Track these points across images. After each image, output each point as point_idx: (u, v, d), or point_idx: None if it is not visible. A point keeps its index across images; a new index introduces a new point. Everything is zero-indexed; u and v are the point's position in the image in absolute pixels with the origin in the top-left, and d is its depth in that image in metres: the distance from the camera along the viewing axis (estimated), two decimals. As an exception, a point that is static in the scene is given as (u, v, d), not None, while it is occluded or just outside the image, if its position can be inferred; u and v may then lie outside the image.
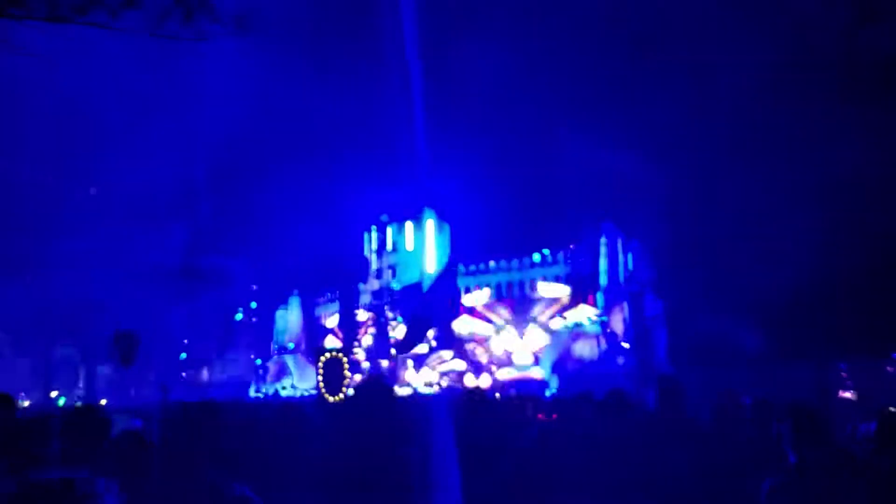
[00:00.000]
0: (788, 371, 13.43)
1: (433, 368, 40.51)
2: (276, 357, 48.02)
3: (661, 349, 29.22)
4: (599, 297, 36.20)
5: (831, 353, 17.83)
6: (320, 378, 16.39)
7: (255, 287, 46.43)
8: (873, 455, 3.20)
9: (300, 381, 40.79)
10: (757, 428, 4.67)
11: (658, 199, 29.32)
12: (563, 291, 38.57)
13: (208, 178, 32.99)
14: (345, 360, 16.91)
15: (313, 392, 24.42)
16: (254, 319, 50.85)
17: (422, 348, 40.59)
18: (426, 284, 45.41)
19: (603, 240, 36.53)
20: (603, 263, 36.28)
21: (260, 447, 4.69)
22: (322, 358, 16.80)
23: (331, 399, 14.94)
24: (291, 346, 48.45)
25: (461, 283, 44.47)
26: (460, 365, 39.85)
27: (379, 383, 3.61)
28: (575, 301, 37.35)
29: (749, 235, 23.36)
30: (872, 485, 3.10)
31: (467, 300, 43.45)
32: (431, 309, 38.92)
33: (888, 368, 17.45)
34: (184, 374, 41.55)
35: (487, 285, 43.04)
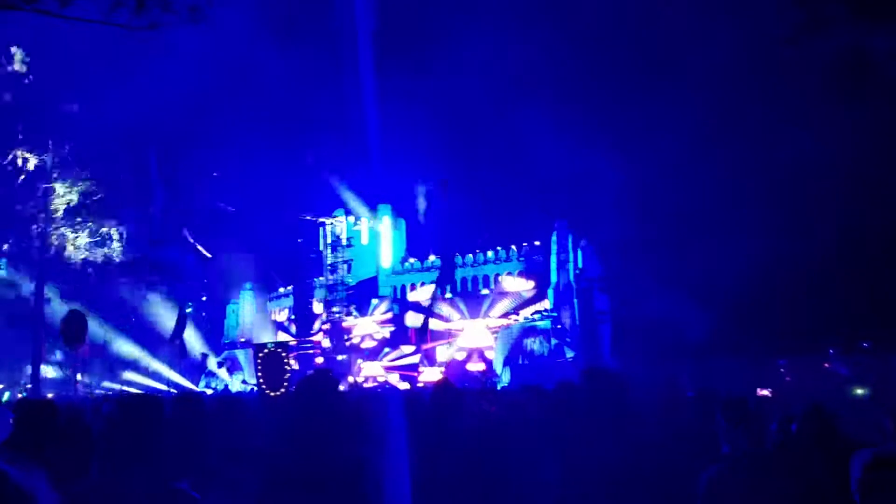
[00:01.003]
0: (730, 365, 13.94)
1: (390, 362, 40.63)
2: (226, 352, 47.41)
3: (607, 344, 29.91)
4: (550, 293, 36.80)
5: (771, 349, 18.49)
6: (259, 373, 16.30)
7: (205, 280, 45.68)
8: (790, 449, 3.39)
9: (251, 377, 40.36)
10: (699, 419, 4.89)
11: (608, 197, 29.91)
12: (526, 286, 39.08)
13: (161, 169, 32.34)
14: (284, 354, 16.80)
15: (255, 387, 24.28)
16: (204, 314, 50.03)
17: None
18: (381, 279, 45.41)
19: (554, 237, 37.10)
20: (554, 261, 36.87)
21: (202, 441, 4.68)
22: (260, 353, 16.70)
23: (271, 394, 14.87)
24: (243, 340, 47.88)
25: (414, 278, 44.61)
26: (414, 359, 40.04)
27: (324, 377, 3.57)
28: (538, 297, 37.95)
29: (697, 233, 24.01)
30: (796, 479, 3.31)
31: (414, 296, 43.67)
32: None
33: (825, 365, 18.17)
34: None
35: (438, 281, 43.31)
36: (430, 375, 35.62)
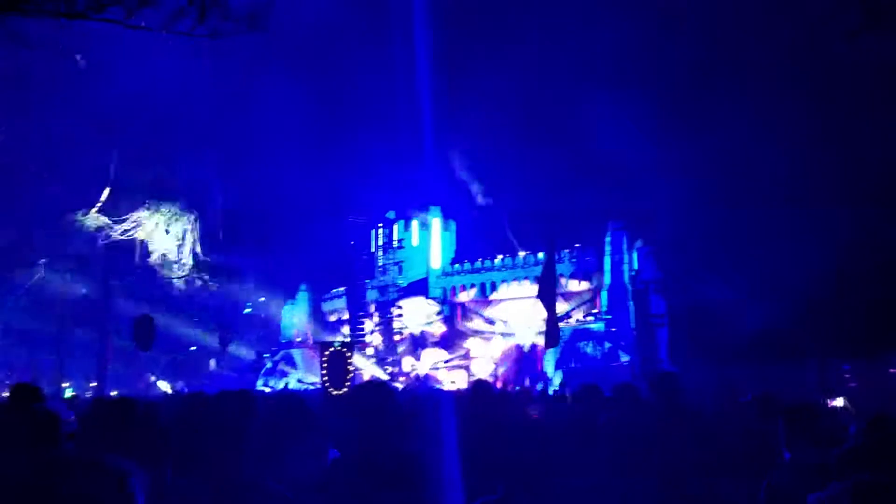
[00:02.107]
0: (791, 371, 13.56)
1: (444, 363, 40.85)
2: (282, 351, 48.31)
3: (664, 348, 29.36)
4: (604, 295, 36.34)
5: (834, 353, 17.91)
6: (324, 371, 16.54)
7: (263, 281, 46.73)
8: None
9: (307, 375, 41.07)
10: (759, 424, 4.80)
11: (665, 197, 29.40)
12: (578, 288, 38.76)
13: (220, 174, 33.24)
14: (348, 353, 17.04)
15: (319, 385, 24.66)
16: (261, 314, 51.14)
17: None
18: (431, 281, 45.64)
19: (608, 238, 36.63)
20: (608, 262, 36.40)
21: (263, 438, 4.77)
22: (326, 352, 16.94)
23: (334, 392, 15.08)
24: (299, 339, 48.75)
25: (465, 280, 44.71)
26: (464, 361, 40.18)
27: (380, 385, 3.69)
28: (592, 299, 37.61)
29: (757, 234, 23.40)
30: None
31: (464, 296, 43.84)
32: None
33: (891, 370, 17.51)
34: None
35: (492, 281, 43.28)
36: (480, 375, 35.61)
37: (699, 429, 3.71)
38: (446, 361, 41.02)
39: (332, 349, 16.52)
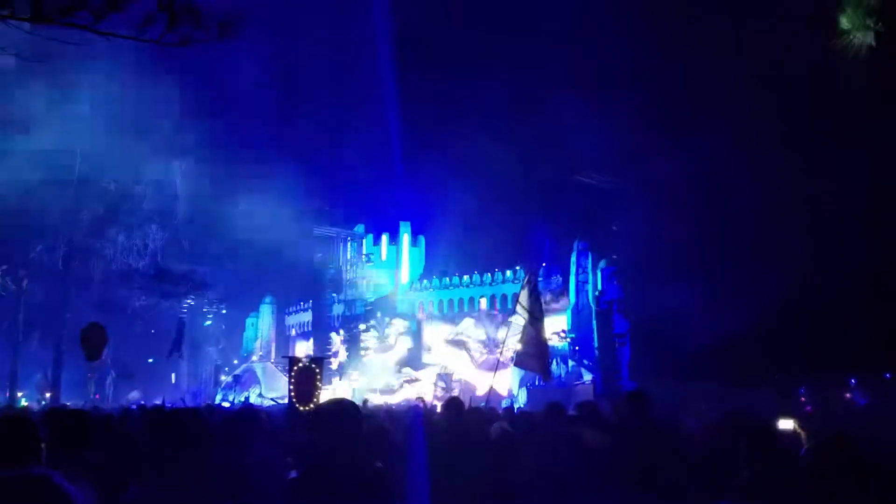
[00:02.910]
0: (747, 390, 13.82)
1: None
2: (244, 365, 47.61)
3: (625, 367, 29.67)
4: (568, 314, 36.59)
5: (792, 376, 18.26)
6: (291, 387, 16.32)
7: (224, 293, 46.07)
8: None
9: (269, 390, 40.48)
10: (722, 443, 4.87)
11: (630, 219, 29.86)
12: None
13: (184, 183, 32.77)
14: (317, 369, 16.85)
15: (282, 401, 24.28)
16: (223, 326, 50.39)
17: None
18: (400, 297, 45.52)
19: (574, 258, 36.95)
20: (573, 282, 36.70)
21: (238, 455, 4.72)
22: (294, 367, 16.72)
23: (302, 409, 14.87)
24: (261, 353, 48.10)
25: (433, 296, 44.68)
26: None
27: (345, 403, 3.68)
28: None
29: (720, 257, 23.87)
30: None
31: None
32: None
33: (846, 395, 17.89)
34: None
35: (461, 298, 43.32)
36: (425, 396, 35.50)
37: (662, 447, 3.77)
38: (410, 380, 40.82)
39: (300, 364, 16.29)
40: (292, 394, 15.81)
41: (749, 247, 22.92)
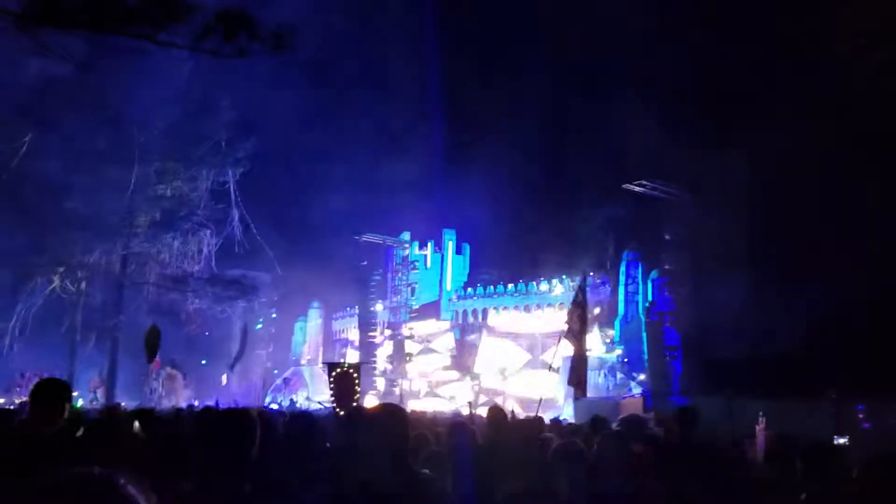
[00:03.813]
0: (804, 407, 13.40)
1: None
2: (293, 368, 48.33)
3: (676, 381, 29.07)
4: (617, 325, 36.12)
5: (850, 392, 17.63)
6: (331, 391, 16.51)
7: (276, 297, 46.86)
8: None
9: (315, 394, 41.01)
10: (775, 461, 4.73)
11: (681, 230, 29.25)
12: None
13: (238, 189, 33.51)
14: (355, 374, 16.98)
15: (328, 405, 24.58)
16: (273, 330, 51.26)
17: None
18: (444, 304, 45.62)
19: (623, 268, 36.48)
20: (622, 292, 36.23)
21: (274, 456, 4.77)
22: (334, 371, 16.91)
23: (341, 413, 15.01)
24: (309, 357, 48.79)
25: (477, 304, 44.64)
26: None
27: (393, 406, 3.66)
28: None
29: (776, 268, 23.19)
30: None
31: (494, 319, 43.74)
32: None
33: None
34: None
35: (505, 307, 43.16)
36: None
37: (707, 465, 3.68)
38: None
39: (339, 370, 16.46)
40: (332, 398, 15.98)
41: (809, 254, 22.20)
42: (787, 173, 23.10)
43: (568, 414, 31.02)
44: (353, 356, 44.10)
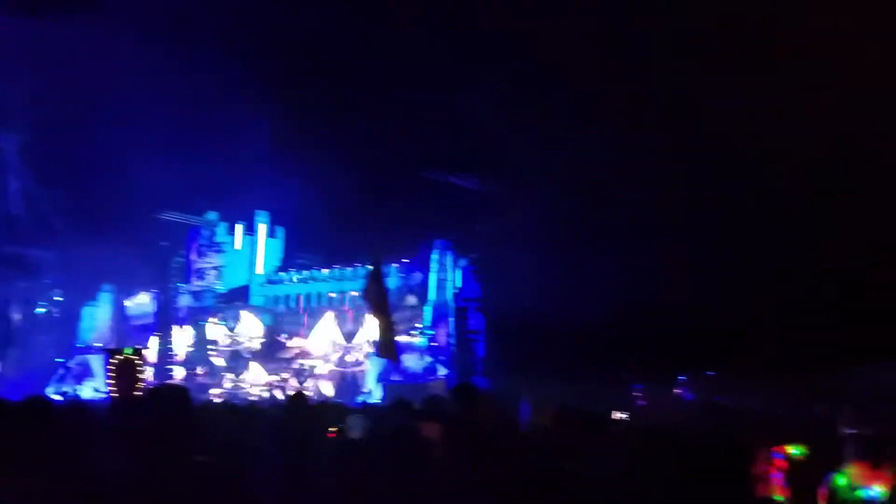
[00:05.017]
0: (590, 386, 14.61)
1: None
2: (78, 356, 44.25)
3: (479, 363, 30.57)
4: (427, 310, 37.07)
5: (630, 375, 19.53)
6: (111, 380, 15.27)
7: (61, 278, 42.51)
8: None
9: (104, 384, 37.85)
10: (558, 433, 5.05)
11: (490, 220, 30.62)
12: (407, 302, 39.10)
13: (20, 162, 29.92)
14: (139, 361, 15.79)
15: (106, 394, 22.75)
16: (57, 314, 46.43)
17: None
18: (254, 289, 44.06)
19: (435, 255, 37.48)
20: (433, 278, 37.23)
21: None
22: (114, 359, 15.61)
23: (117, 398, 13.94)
24: (99, 345, 44.82)
25: (290, 289, 43.65)
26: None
27: (176, 391, 3.46)
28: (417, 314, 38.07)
29: (572, 261, 25.05)
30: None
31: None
32: None
33: (675, 391, 19.40)
34: None
35: (319, 293, 42.57)
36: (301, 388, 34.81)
37: (485, 438, 3.92)
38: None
39: (120, 357, 15.18)
40: (111, 388, 14.73)
41: (604, 249, 24.25)
42: (590, 169, 25.03)
43: (378, 397, 31.45)
44: (151, 344, 41.17)
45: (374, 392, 33.37)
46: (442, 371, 33.72)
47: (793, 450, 4.50)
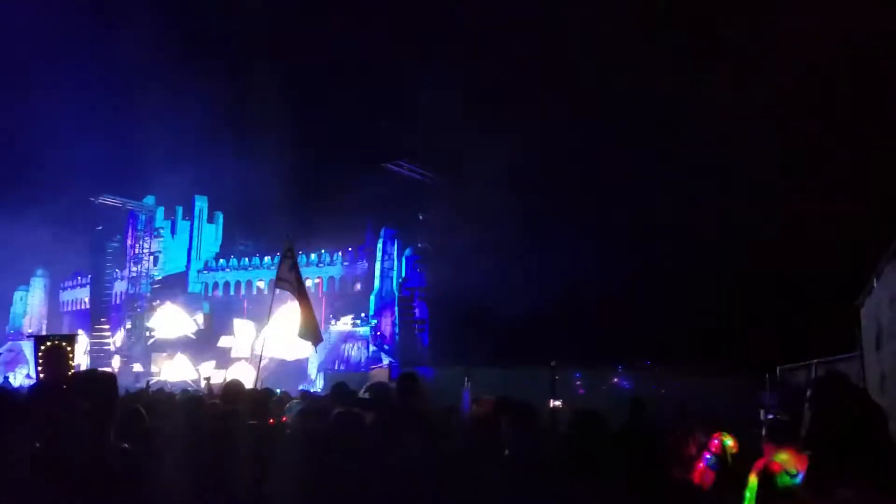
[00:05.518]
0: (531, 374, 14.87)
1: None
2: (9, 342, 42.62)
3: (423, 352, 30.65)
4: (372, 299, 36.96)
5: (570, 364, 19.92)
6: (39, 367, 14.77)
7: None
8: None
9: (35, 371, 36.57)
10: (489, 422, 5.13)
11: (435, 211, 30.66)
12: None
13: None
14: (69, 348, 15.33)
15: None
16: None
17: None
18: (192, 275, 43.11)
19: (380, 245, 37.36)
20: (378, 268, 37.12)
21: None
22: (42, 345, 15.10)
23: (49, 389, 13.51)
24: (31, 331, 43.23)
25: (230, 276, 42.88)
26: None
27: (100, 374, 3.36)
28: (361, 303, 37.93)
29: (516, 250, 25.42)
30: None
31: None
32: None
33: (614, 379, 19.89)
34: None
35: (260, 279, 41.95)
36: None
37: (422, 425, 3.95)
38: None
39: (48, 343, 14.65)
40: (40, 375, 14.23)
41: (542, 239, 24.67)
42: (532, 163, 25.35)
43: (319, 385, 31.20)
44: (83, 331, 39.89)
45: (316, 381, 33.13)
46: (386, 360, 33.72)
47: (725, 438, 4.69)
